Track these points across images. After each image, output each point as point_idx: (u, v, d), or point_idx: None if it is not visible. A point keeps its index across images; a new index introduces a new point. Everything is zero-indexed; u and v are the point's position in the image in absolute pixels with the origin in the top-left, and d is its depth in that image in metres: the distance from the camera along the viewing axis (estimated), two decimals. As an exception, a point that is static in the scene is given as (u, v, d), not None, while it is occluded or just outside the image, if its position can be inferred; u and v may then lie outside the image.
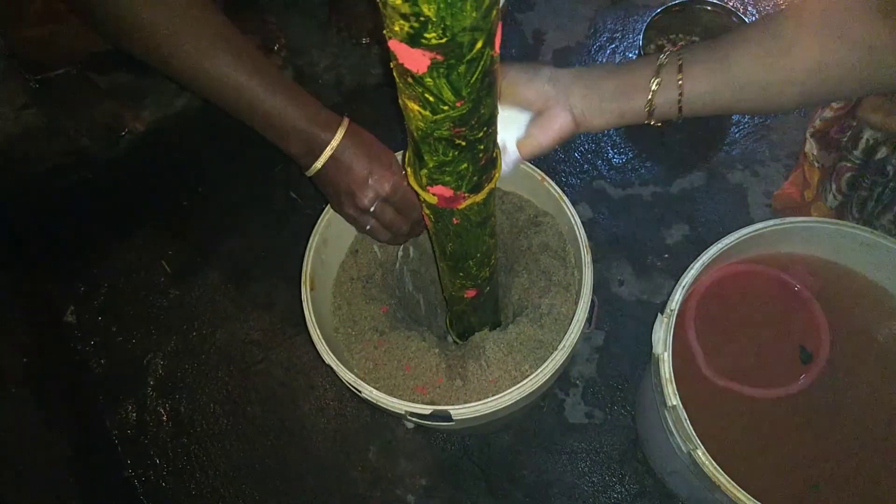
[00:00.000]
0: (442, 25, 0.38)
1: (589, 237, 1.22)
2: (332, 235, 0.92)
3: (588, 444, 1.12)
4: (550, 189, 0.88)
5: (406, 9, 0.37)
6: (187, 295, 1.28)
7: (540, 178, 0.89)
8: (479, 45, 0.42)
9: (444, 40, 0.40)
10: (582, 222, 1.21)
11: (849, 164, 0.92)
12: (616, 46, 1.42)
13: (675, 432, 0.77)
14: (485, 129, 0.51)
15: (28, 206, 1.38)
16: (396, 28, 0.39)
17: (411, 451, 1.13)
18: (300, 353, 1.20)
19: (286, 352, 1.21)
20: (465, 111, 0.47)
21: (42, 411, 1.13)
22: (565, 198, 0.87)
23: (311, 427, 1.16)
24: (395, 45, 0.41)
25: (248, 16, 1.42)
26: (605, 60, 1.41)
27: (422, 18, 0.38)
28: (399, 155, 0.84)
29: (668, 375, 0.77)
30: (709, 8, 1.29)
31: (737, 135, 1.31)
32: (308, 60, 1.47)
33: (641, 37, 1.28)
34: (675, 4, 1.30)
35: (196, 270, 1.30)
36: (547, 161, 1.31)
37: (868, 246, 0.82)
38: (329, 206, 0.89)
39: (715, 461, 0.73)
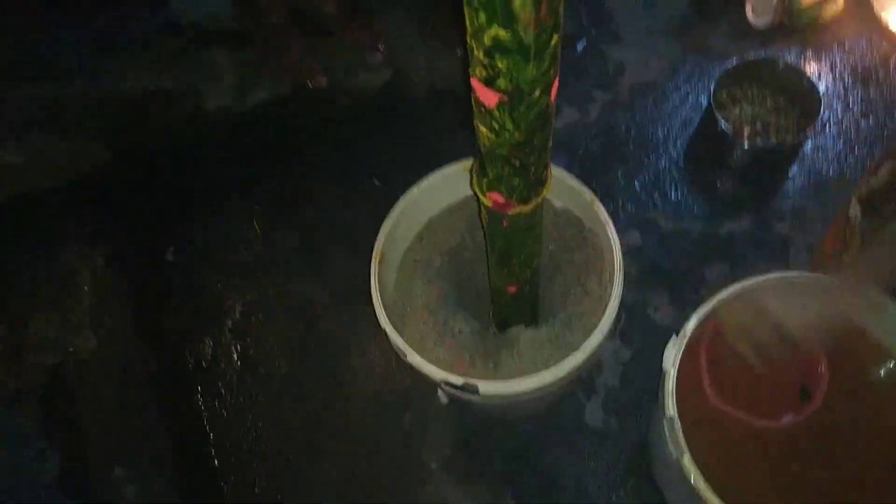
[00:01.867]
0: (510, 76, 0.52)
1: (634, 262, 1.34)
2: (403, 221, 1.06)
3: (600, 447, 1.23)
4: (598, 212, 1.00)
5: (486, 61, 0.51)
6: (270, 253, 1.45)
7: (590, 200, 1.01)
8: (538, 93, 0.55)
9: (511, 87, 0.53)
10: (630, 248, 1.33)
11: None
12: (691, 88, 1.52)
13: (669, 440, 0.88)
14: (537, 154, 0.64)
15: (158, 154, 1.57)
16: (478, 72, 0.53)
17: (441, 423, 1.27)
18: (359, 319, 1.35)
19: (347, 316, 1.36)
20: (521, 140, 0.60)
21: (136, 332, 1.32)
22: (609, 221, 0.99)
23: (358, 386, 1.31)
24: (475, 82, 0.55)
25: (356, 16, 1.57)
26: (678, 100, 1.51)
27: (496, 69, 0.51)
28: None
29: (671, 389, 0.88)
30: (781, 66, 1.37)
31: (790, 189, 1.39)
32: (406, 61, 1.62)
33: (715, 82, 1.38)
34: (752, 59, 1.39)
35: (281, 233, 1.47)
36: (609, 184, 1.42)
37: (872, 305, 0.91)
38: (407, 192, 1.03)
39: (703, 474, 0.83)
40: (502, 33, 0.47)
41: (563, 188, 1.04)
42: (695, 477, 0.83)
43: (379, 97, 1.55)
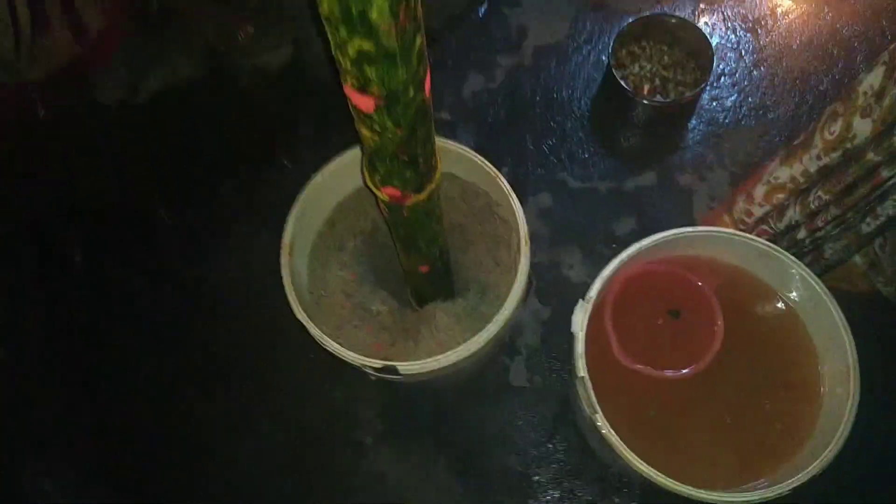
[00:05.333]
0: (381, 82, 0.52)
1: (546, 224, 1.38)
2: (311, 208, 1.06)
3: (526, 405, 1.28)
4: (502, 185, 1.02)
5: (355, 71, 0.51)
6: (181, 242, 1.42)
7: (494, 175, 1.03)
8: (412, 92, 0.55)
9: (384, 91, 0.53)
10: (542, 210, 1.36)
11: (768, 230, 1.06)
12: (592, 48, 1.54)
13: (582, 400, 0.93)
14: (422, 146, 0.65)
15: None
16: (350, 81, 0.53)
17: (371, 400, 1.29)
18: (280, 306, 1.34)
19: (267, 304, 1.34)
20: (404, 136, 0.61)
21: (47, 338, 1.29)
22: (513, 193, 1.01)
23: (286, 373, 1.32)
24: (348, 90, 0.55)
25: None
26: (580, 60, 1.53)
27: (367, 77, 0.52)
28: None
29: (580, 351, 0.93)
30: (674, 21, 1.41)
31: (690, 140, 1.44)
32: (306, 35, 1.58)
33: (613, 41, 1.40)
34: (648, 15, 1.42)
35: (190, 220, 1.44)
36: (518, 149, 1.45)
37: (761, 253, 0.97)
38: (311, 179, 1.03)
39: (618, 431, 0.88)
40: (366, 44, 0.48)
41: (469, 164, 1.06)
42: (607, 434, 0.88)
43: (283, 76, 1.52)
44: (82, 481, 1.25)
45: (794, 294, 0.99)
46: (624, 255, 0.96)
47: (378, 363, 0.92)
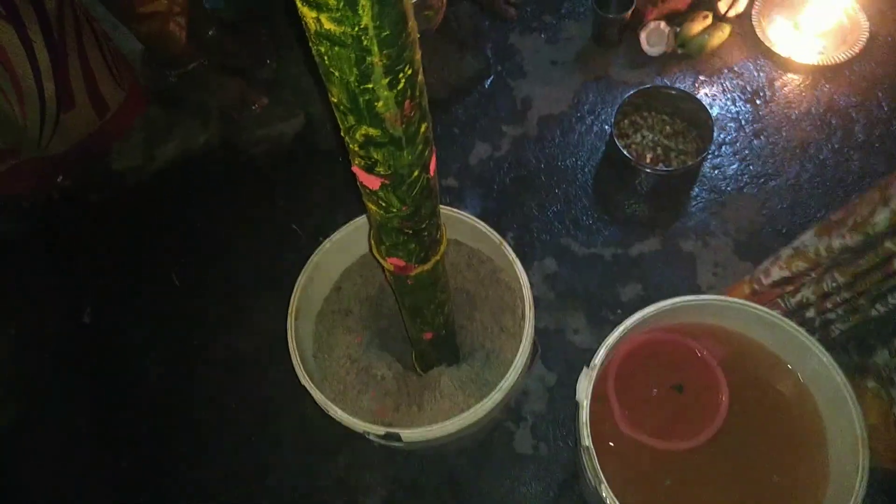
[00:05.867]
0: (387, 164, 0.55)
1: (551, 288, 1.39)
2: (319, 274, 1.08)
3: (532, 474, 1.26)
4: (506, 252, 1.04)
5: (362, 153, 0.54)
6: (192, 306, 1.45)
7: (499, 242, 1.05)
8: (416, 173, 0.58)
9: (389, 172, 0.56)
10: (547, 275, 1.38)
11: (780, 304, 1.07)
12: (595, 118, 1.59)
13: (587, 468, 0.92)
14: (427, 221, 0.67)
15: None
16: (357, 161, 0.56)
17: (375, 465, 1.28)
18: (286, 370, 1.35)
19: (274, 368, 1.36)
20: (409, 213, 0.63)
21: (60, 398, 1.30)
22: (517, 261, 1.03)
23: (289, 437, 1.32)
24: (356, 169, 0.57)
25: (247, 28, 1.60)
26: (584, 129, 1.58)
27: (373, 159, 0.54)
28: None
29: (585, 420, 0.92)
30: (674, 92, 1.45)
31: (693, 208, 1.46)
32: (318, 109, 1.64)
33: (616, 111, 1.45)
34: (649, 87, 1.47)
35: (201, 285, 1.47)
36: (524, 215, 1.48)
37: (768, 324, 0.98)
38: (320, 245, 1.06)
39: (619, 498, 0.87)
40: (372, 131, 0.50)
41: (474, 231, 1.08)
42: (611, 504, 0.87)
43: (295, 145, 1.57)
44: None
45: (801, 365, 0.99)
46: (628, 322, 0.97)
47: (381, 430, 0.93)
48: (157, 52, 1.52)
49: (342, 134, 0.54)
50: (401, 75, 0.46)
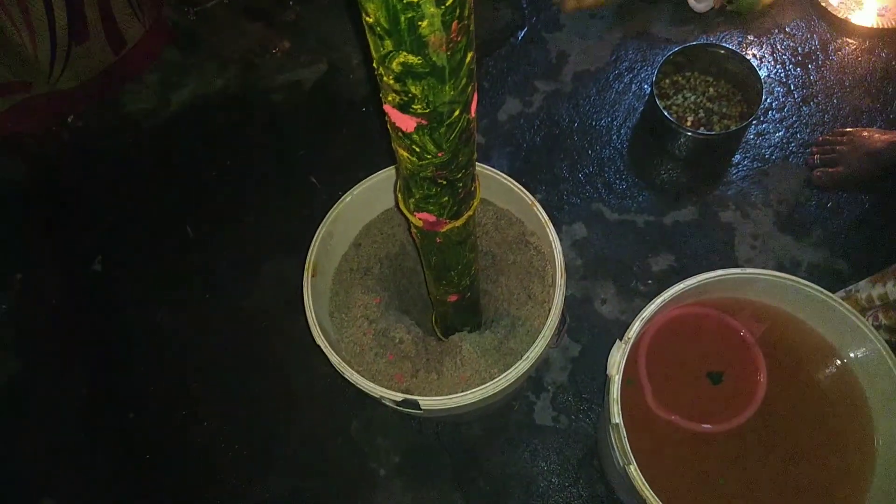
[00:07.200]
0: (426, 100, 0.48)
1: (580, 255, 1.33)
2: (338, 229, 1.02)
3: (551, 446, 1.21)
4: (539, 214, 0.97)
5: (398, 87, 0.47)
6: (204, 257, 1.39)
7: (530, 203, 0.98)
8: (457, 113, 0.51)
9: (427, 111, 0.49)
10: (576, 240, 1.31)
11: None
12: (634, 76, 1.50)
13: (615, 447, 0.87)
14: (463, 171, 0.60)
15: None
16: (390, 98, 0.49)
17: (389, 430, 1.24)
18: (301, 329, 1.31)
19: (289, 326, 1.31)
20: (445, 160, 0.56)
21: (65, 352, 1.25)
22: (550, 224, 0.96)
23: (303, 397, 1.27)
24: (388, 108, 0.50)
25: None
26: (621, 88, 1.49)
27: (410, 94, 0.47)
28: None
29: (615, 395, 0.86)
30: (722, 52, 1.36)
31: (734, 176, 1.38)
32: (341, 55, 1.56)
33: (657, 70, 1.36)
34: (694, 45, 1.37)
35: (215, 237, 1.41)
36: (554, 177, 1.40)
37: (813, 300, 0.90)
38: (340, 199, 0.99)
39: (648, 480, 0.82)
40: (412, 59, 0.43)
41: (504, 190, 1.01)
42: (640, 486, 0.82)
43: (316, 93, 1.49)
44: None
45: (852, 351, 0.92)
46: (666, 295, 0.90)
47: (399, 396, 0.87)
48: None
49: (374, 65, 0.46)
50: (451, -12, 0.39)
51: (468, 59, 0.47)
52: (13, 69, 1.23)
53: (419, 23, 0.40)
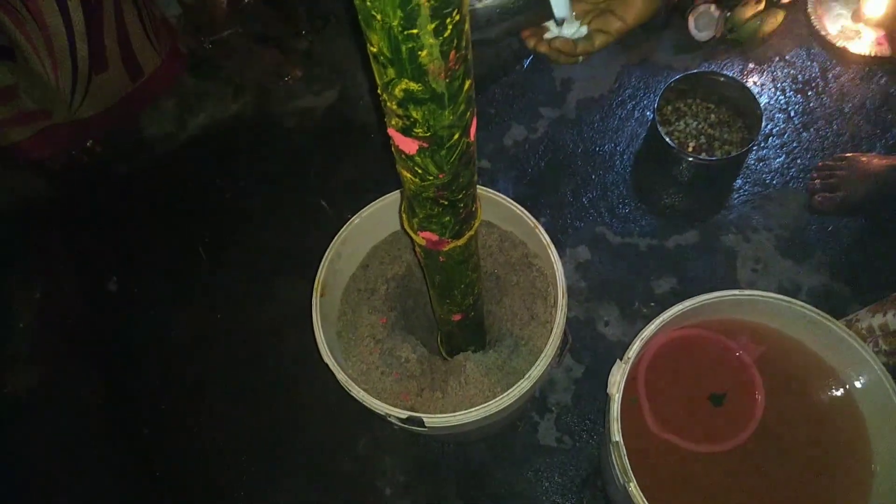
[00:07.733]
0: (427, 125, 0.51)
1: (583, 278, 1.35)
2: (346, 250, 1.05)
3: (554, 466, 1.23)
4: (541, 236, 1.00)
5: (400, 112, 0.50)
6: (217, 278, 1.43)
7: (533, 226, 1.00)
8: (457, 136, 0.54)
9: (428, 134, 0.52)
10: (580, 263, 1.33)
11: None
12: (636, 103, 1.53)
13: (616, 465, 0.88)
14: (464, 191, 0.63)
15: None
16: (394, 122, 0.52)
17: (395, 449, 1.25)
18: (310, 347, 1.33)
19: (298, 345, 1.34)
20: (446, 181, 0.59)
21: (80, 365, 1.28)
22: (552, 246, 0.99)
23: (311, 413, 1.29)
24: (392, 132, 0.53)
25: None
26: (624, 115, 1.52)
27: (412, 119, 0.50)
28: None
29: (616, 414, 0.88)
30: (722, 79, 1.39)
31: (735, 200, 1.40)
32: (352, 83, 1.61)
33: (659, 97, 1.39)
34: (695, 73, 1.40)
35: (229, 259, 1.45)
36: (558, 201, 1.43)
37: (813, 323, 0.92)
38: (347, 224, 1.02)
39: (648, 498, 0.83)
40: (413, 86, 0.46)
41: (507, 213, 1.04)
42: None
43: (326, 119, 1.54)
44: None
45: (852, 376, 0.93)
46: (666, 315, 0.92)
47: (403, 414, 0.89)
48: (197, 14, 1.49)
49: (379, 91, 0.50)
50: (448, 21, 0.42)
51: (466, 86, 0.50)
52: (36, 98, 1.29)
53: (419, 52, 0.43)
